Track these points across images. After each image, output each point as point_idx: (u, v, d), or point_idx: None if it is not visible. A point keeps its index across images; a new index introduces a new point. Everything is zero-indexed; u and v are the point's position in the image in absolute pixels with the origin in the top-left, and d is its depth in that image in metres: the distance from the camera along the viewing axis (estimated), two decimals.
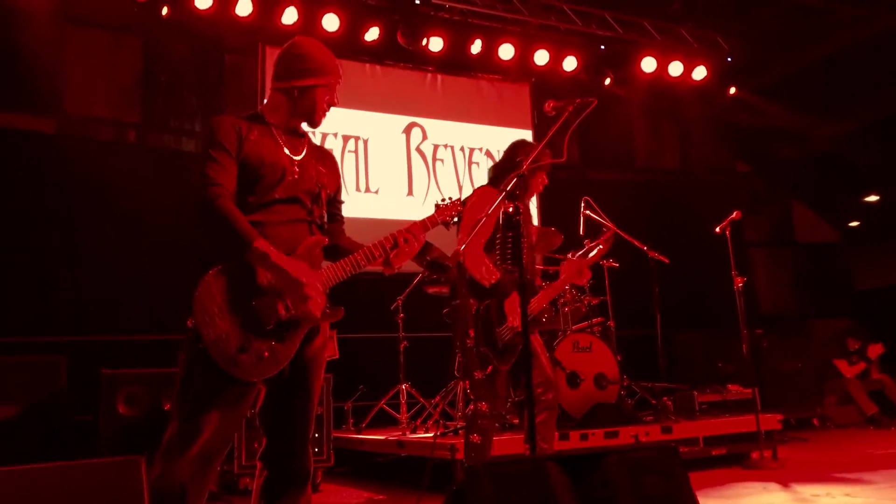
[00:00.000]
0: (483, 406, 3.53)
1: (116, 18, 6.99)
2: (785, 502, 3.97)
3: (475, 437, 3.55)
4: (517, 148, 3.78)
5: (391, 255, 2.61)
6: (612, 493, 2.23)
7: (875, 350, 8.26)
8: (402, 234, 2.62)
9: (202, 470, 2.31)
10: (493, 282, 3.39)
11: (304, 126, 2.67)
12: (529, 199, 3.54)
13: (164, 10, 6.60)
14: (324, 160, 2.69)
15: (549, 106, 3.18)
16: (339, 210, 2.79)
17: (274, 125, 2.58)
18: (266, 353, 2.36)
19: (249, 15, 6.90)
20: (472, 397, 3.58)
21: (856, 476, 4.59)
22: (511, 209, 2.98)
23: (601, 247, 3.88)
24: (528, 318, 3.04)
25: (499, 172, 3.75)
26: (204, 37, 7.23)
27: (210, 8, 6.73)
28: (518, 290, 2.91)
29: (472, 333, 3.58)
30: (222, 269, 2.38)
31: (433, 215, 2.75)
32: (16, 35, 6.28)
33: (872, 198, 11.95)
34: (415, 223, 2.66)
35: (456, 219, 2.78)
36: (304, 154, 2.61)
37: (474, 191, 3.75)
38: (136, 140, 7.36)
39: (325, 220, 2.67)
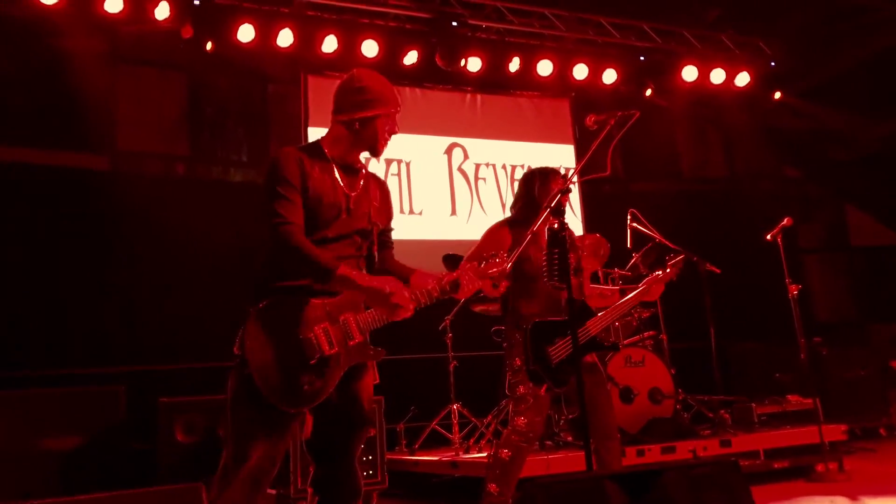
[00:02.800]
0: (520, 422, 3.49)
1: (163, 55, 7.20)
2: None
3: (504, 453, 3.51)
4: (533, 178, 3.79)
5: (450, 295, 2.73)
6: None
7: None
8: (466, 277, 2.74)
9: (252, 492, 2.42)
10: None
11: (363, 157, 2.75)
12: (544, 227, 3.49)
13: (209, 45, 6.77)
14: (378, 193, 2.77)
15: (590, 120, 3.17)
16: (390, 237, 2.89)
17: (333, 159, 2.66)
18: (306, 387, 2.45)
19: (290, 45, 7.04)
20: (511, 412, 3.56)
21: None
22: (556, 225, 2.96)
23: (671, 269, 3.86)
24: (586, 338, 3.04)
25: (519, 205, 3.78)
26: (247, 68, 7.40)
27: (252, 40, 6.89)
28: (567, 305, 2.88)
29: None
30: (273, 302, 2.48)
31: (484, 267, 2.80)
32: (70, 77, 6.52)
33: None
34: (474, 269, 2.76)
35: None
36: (359, 189, 2.68)
37: (493, 226, 3.83)
38: (185, 173, 7.55)
39: (375, 251, 2.75)
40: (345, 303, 2.56)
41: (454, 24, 7.33)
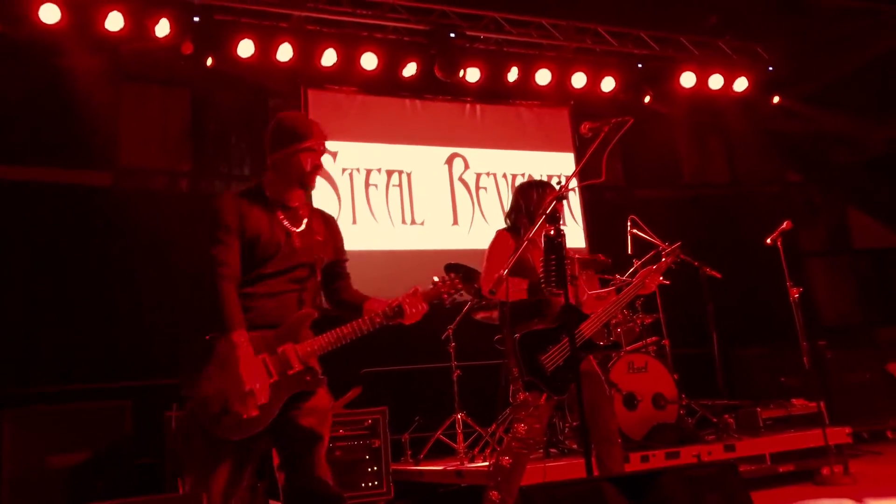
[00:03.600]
0: (520, 429, 3.50)
1: (165, 72, 7.26)
2: None
3: (505, 460, 3.51)
4: (527, 189, 3.83)
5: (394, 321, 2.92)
6: None
7: None
8: (408, 301, 2.94)
9: None
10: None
11: (306, 191, 2.93)
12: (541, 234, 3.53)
13: (209, 61, 6.84)
14: (322, 228, 2.93)
15: (584, 128, 3.21)
16: (343, 268, 3.07)
17: (272, 198, 2.82)
18: (245, 415, 2.58)
19: (290, 59, 7.11)
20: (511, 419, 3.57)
21: None
22: (552, 232, 2.99)
23: (665, 259, 3.86)
24: (581, 341, 3.05)
25: (513, 216, 3.81)
26: (248, 83, 7.45)
27: (252, 55, 6.96)
28: (565, 312, 2.90)
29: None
30: (215, 336, 2.67)
31: (430, 290, 3.03)
32: (73, 94, 6.59)
33: None
34: (415, 295, 2.96)
35: (454, 296, 3.03)
36: (303, 225, 2.84)
37: (496, 234, 3.84)
38: (188, 188, 7.59)
39: (323, 285, 2.94)
40: (284, 334, 2.74)
41: (452, 35, 7.39)
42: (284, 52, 7.07)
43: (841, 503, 4.23)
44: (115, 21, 6.39)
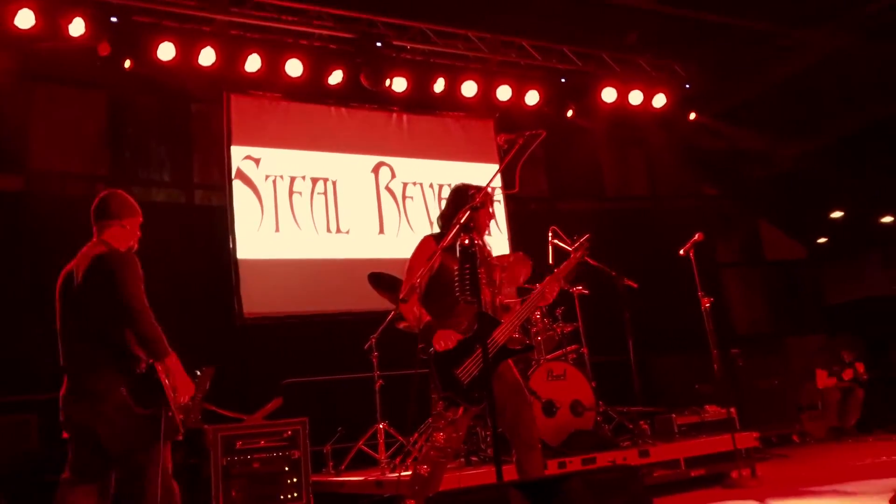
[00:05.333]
0: (439, 437, 3.51)
1: (80, 73, 7.04)
2: None
3: (423, 469, 3.52)
4: (459, 193, 3.85)
5: None
6: None
7: (860, 367, 8.36)
8: None
9: None
10: (448, 348, 3.47)
11: None
12: (483, 234, 3.57)
13: (127, 63, 6.66)
14: None
15: (501, 139, 3.27)
16: None
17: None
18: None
19: (213, 64, 6.98)
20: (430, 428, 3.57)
21: (831, 488, 4.62)
22: (467, 241, 3.03)
23: (573, 255, 3.87)
24: (495, 348, 3.08)
25: (445, 221, 3.83)
26: (169, 87, 7.28)
27: (173, 59, 6.80)
28: (478, 320, 2.93)
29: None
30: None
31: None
32: None
33: (837, 213, 12.19)
34: None
35: None
36: None
37: (421, 239, 3.84)
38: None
39: None
40: None
41: (379, 44, 7.39)
42: (207, 57, 6.94)
43: None
44: (25, 18, 6.15)
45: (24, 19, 6.15)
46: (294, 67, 7.27)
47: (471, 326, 3.53)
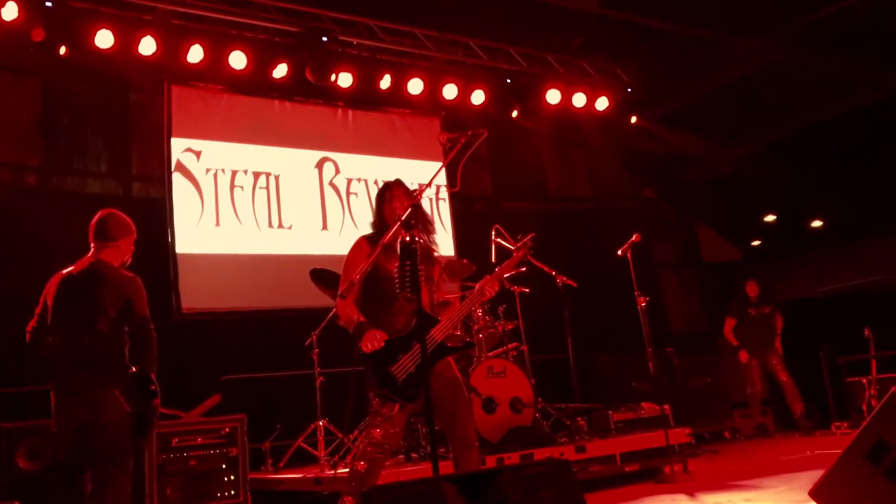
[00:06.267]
0: (376, 434, 3.52)
1: (13, 60, 6.81)
2: None
3: (360, 465, 3.53)
4: (383, 192, 3.87)
5: None
6: None
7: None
8: None
9: None
10: (374, 349, 3.49)
11: None
12: (423, 234, 3.60)
13: (63, 50, 6.46)
14: None
15: (442, 138, 3.29)
16: None
17: None
18: None
19: (153, 54, 6.83)
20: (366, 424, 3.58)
21: (756, 482, 4.80)
22: (408, 238, 3.04)
23: (515, 254, 3.86)
24: (433, 345, 3.11)
25: (373, 220, 3.86)
26: (107, 76, 7.10)
27: (112, 47, 6.63)
28: (417, 317, 2.96)
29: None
30: None
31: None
32: None
33: (770, 217, 12.61)
34: None
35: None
36: None
37: (356, 240, 3.86)
38: (37, 183, 7.14)
39: None
40: None
41: (325, 39, 7.34)
42: (147, 46, 6.78)
43: (675, 499, 4.52)
44: None
45: None
46: (238, 60, 7.16)
47: (408, 324, 3.55)
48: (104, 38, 6.58)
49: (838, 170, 10.71)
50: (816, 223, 13.28)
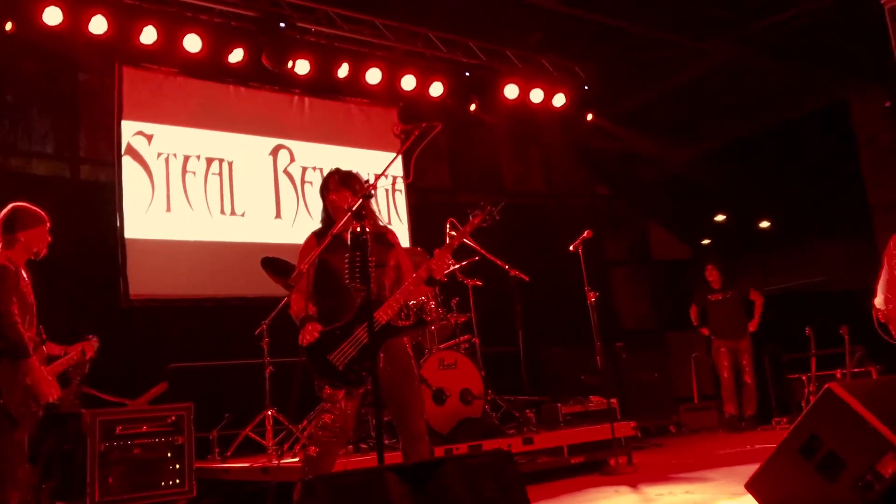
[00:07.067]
0: (327, 418, 3.51)
1: None
2: (632, 503, 4.21)
3: (312, 450, 3.52)
4: (326, 181, 3.90)
5: None
6: (449, 498, 2.31)
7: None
8: None
9: None
10: (310, 341, 3.49)
11: None
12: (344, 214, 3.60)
13: (9, 25, 6.26)
14: None
15: (397, 129, 3.29)
16: None
17: None
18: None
19: (105, 33, 6.66)
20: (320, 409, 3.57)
21: (698, 475, 4.93)
22: (358, 228, 3.04)
23: (462, 229, 3.83)
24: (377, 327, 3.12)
25: (323, 213, 3.88)
26: (54, 54, 6.91)
27: (61, 24, 6.45)
28: (365, 307, 2.96)
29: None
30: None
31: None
32: None
33: (720, 217, 12.90)
34: None
35: None
36: None
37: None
38: None
39: None
40: None
41: (282, 25, 7.25)
42: (98, 25, 6.61)
43: (619, 490, 4.61)
44: None
45: None
46: (192, 43, 7.02)
47: (354, 311, 3.54)
48: (52, 15, 6.39)
49: (786, 173, 11.02)
50: (765, 224, 13.66)
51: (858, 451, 3.02)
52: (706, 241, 12.42)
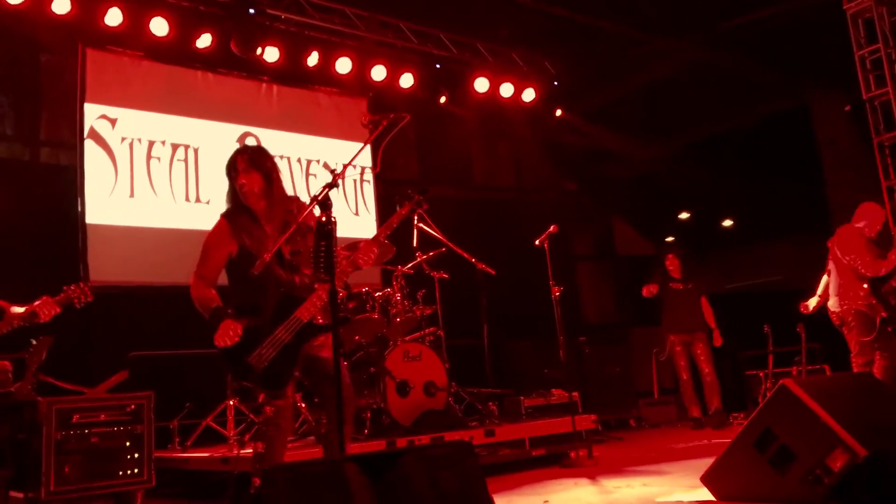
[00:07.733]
0: (268, 411, 3.46)
1: None
2: (591, 495, 4.27)
3: (260, 446, 3.49)
4: (234, 161, 3.90)
5: None
6: (409, 489, 2.33)
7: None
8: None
9: None
10: (228, 345, 3.36)
11: None
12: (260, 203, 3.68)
13: None
14: None
15: (364, 119, 3.28)
16: None
17: None
18: None
19: (68, 13, 6.53)
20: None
21: (656, 468, 5.01)
22: (323, 218, 3.03)
23: (388, 221, 3.71)
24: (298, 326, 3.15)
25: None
26: (16, 34, 6.73)
27: (22, 3, 6.31)
28: (329, 298, 2.96)
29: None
30: None
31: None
32: None
33: (685, 215, 13.09)
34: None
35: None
36: None
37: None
38: None
39: None
40: None
41: (252, 11, 7.17)
42: (61, 5, 6.48)
43: (578, 483, 4.67)
44: None
45: None
46: (159, 26, 6.92)
47: (273, 307, 3.46)
48: None
49: (748, 173, 11.22)
50: (727, 223, 13.89)
51: (810, 446, 3.11)
52: (670, 239, 12.59)
